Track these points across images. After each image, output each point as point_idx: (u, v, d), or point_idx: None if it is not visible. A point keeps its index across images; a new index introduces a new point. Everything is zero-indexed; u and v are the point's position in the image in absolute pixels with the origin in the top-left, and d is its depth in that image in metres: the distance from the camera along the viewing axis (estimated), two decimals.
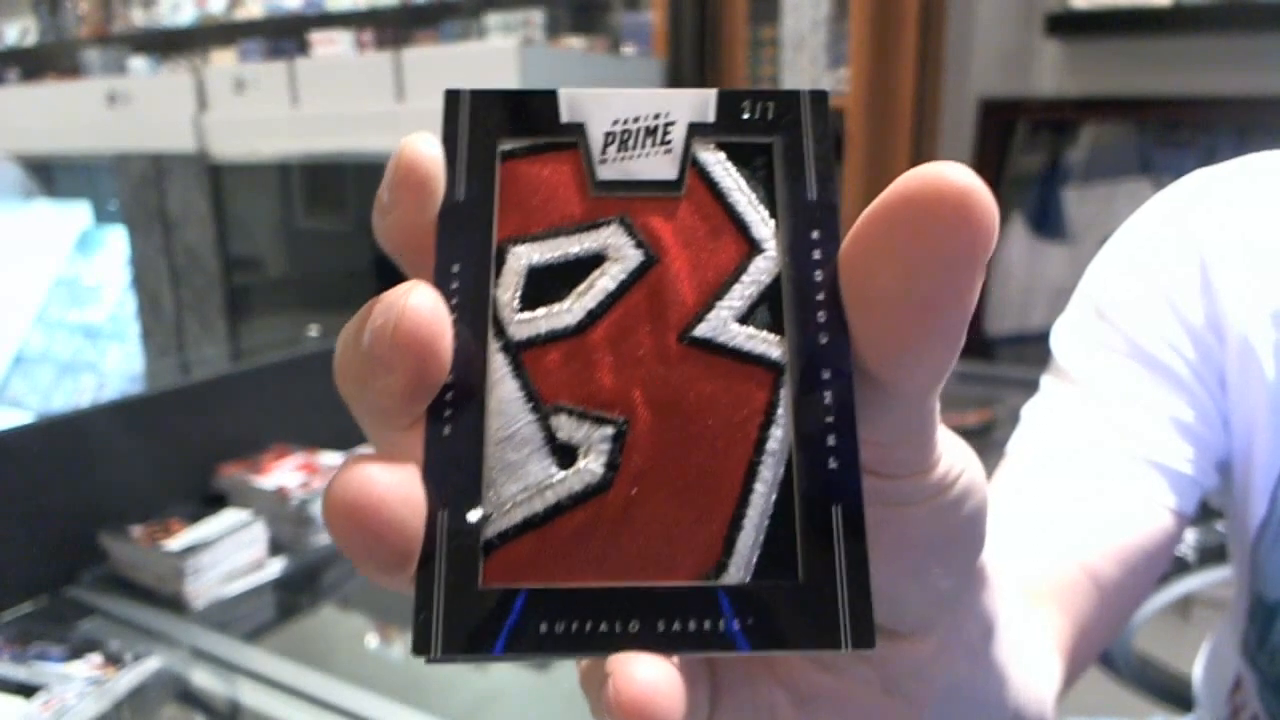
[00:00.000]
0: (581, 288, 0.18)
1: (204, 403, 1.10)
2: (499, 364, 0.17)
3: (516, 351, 0.18)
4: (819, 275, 0.18)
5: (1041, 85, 1.91)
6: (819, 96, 0.19)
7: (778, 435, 0.17)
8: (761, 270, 0.18)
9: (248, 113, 2.08)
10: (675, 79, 2.04)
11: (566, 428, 0.17)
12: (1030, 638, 0.36)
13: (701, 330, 0.18)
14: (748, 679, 0.22)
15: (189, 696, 0.79)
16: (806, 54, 1.97)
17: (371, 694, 0.76)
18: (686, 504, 0.17)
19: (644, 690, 0.15)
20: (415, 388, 0.16)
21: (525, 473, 0.17)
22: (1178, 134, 1.82)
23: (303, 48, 2.86)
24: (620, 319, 0.18)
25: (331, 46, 2.79)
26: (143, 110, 2.28)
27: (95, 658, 0.78)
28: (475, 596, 0.16)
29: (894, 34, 1.88)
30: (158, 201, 2.23)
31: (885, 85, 1.90)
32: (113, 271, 2.10)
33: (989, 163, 1.98)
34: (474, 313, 0.17)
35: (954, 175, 0.16)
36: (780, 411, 0.17)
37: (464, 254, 0.18)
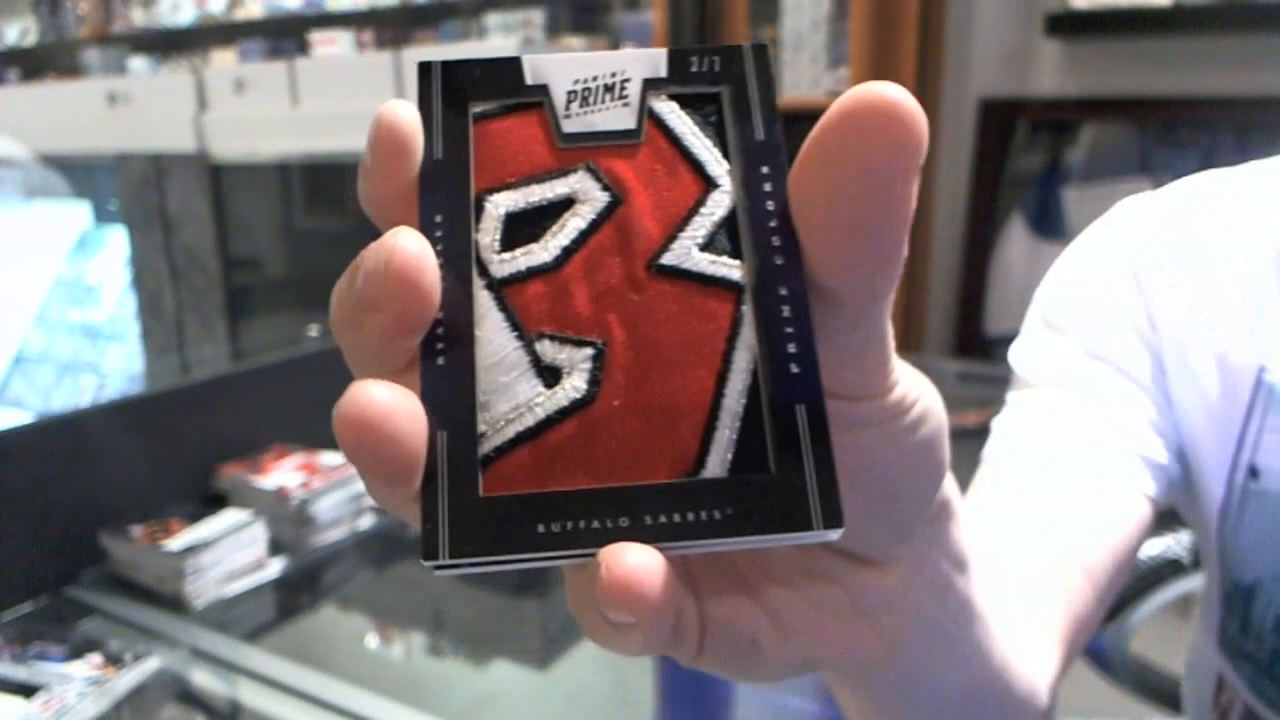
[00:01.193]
0: (555, 228, 0.20)
1: (204, 403, 1.10)
2: (484, 300, 0.19)
3: (499, 288, 0.19)
4: (770, 204, 0.19)
5: (1041, 85, 1.91)
6: (760, 49, 0.21)
7: (743, 346, 0.19)
8: (718, 203, 0.20)
9: (248, 113, 2.08)
10: None
11: (550, 351, 0.19)
12: (1030, 633, 0.36)
13: (667, 259, 0.19)
14: (730, 610, 0.22)
15: (189, 696, 0.79)
16: (806, 54, 1.97)
17: (371, 694, 0.76)
18: (665, 412, 0.18)
19: (633, 570, 0.16)
20: (406, 323, 0.17)
21: (515, 393, 0.18)
22: (1178, 134, 1.82)
23: (303, 48, 2.86)
24: (592, 253, 0.19)
25: (331, 46, 2.79)
26: (143, 110, 2.28)
27: (95, 658, 0.78)
28: (476, 505, 0.17)
29: (894, 34, 1.88)
30: (158, 201, 2.23)
31: None
32: (113, 271, 2.09)
33: (989, 163, 1.98)
34: (458, 256, 0.19)
35: (880, 90, 0.17)
36: (744, 326, 0.19)
37: (445, 205, 0.19)
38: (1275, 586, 0.43)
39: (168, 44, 3.34)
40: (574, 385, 0.18)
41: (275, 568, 0.97)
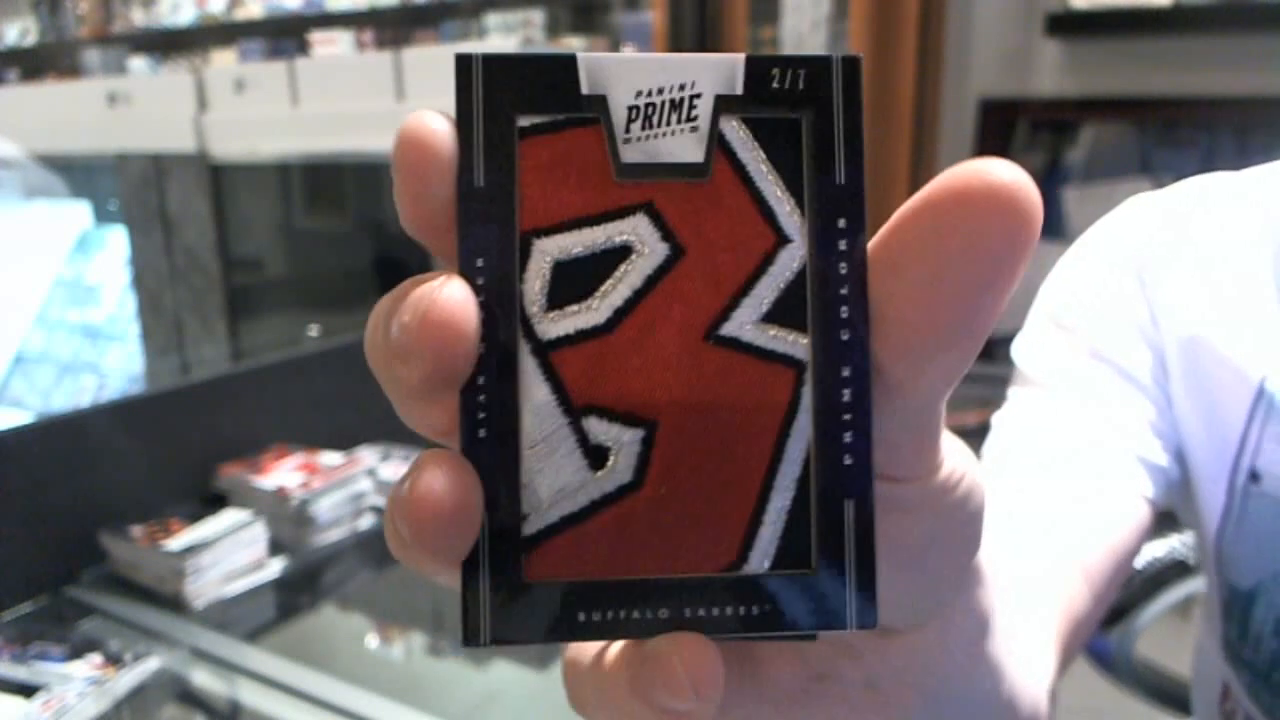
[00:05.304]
0: (608, 285, 0.18)
1: (204, 403, 1.10)
2: (529, 367, 0.18)
3: (545, 352, 0.18)
4: (844, 267, 0.18)
5: (1041, 85, 1.91)
6: (851, 64, 0.18)
7: (798, 433, 0.18)
8: (787, 264, 0.18)
9: (248, 113, 2.08)
10: None
11: (597, 430, 0.18)
12: (1029, 636, 0.36)
13: (727, 329, 0.18)
14: (743, 675, 0.22)
15: (189, 696, 0.79)
16: None
17: (371, 694, 0.76)
18: (712, 501, 0.18)
19: (702, 663, 0.17)
20: (440, 379, 0.17)
21: (560, 474, 0.18)
22: (1178, 134, 1.82)
23: (303, 48, 2.86)
24: (647, 317, 0.18)
25: (331, 46, 2.79)
26: (143, 110, 2.28)
27: (95, 658, 0.78)
28: (519, 589, 0.17)
29: (894, 34, 1.88)
30: (158, 201, 2.22)
31: (885, 85, 1.90)
32: (113, 271, 2.09)
33: None
34: (502, 312, 0.17)
35: (999, 170, 0.16)
36: (801, 411, 0.18)
37: (488, 247, 0.17)
38: (1277, 589, 0.43)
39: (168, 44, 3.34)
40: (621, 469, 0.18)
41: (275, 568, 0.97)
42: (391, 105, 1.85)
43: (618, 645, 0.19)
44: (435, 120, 0.17)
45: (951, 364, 0.17)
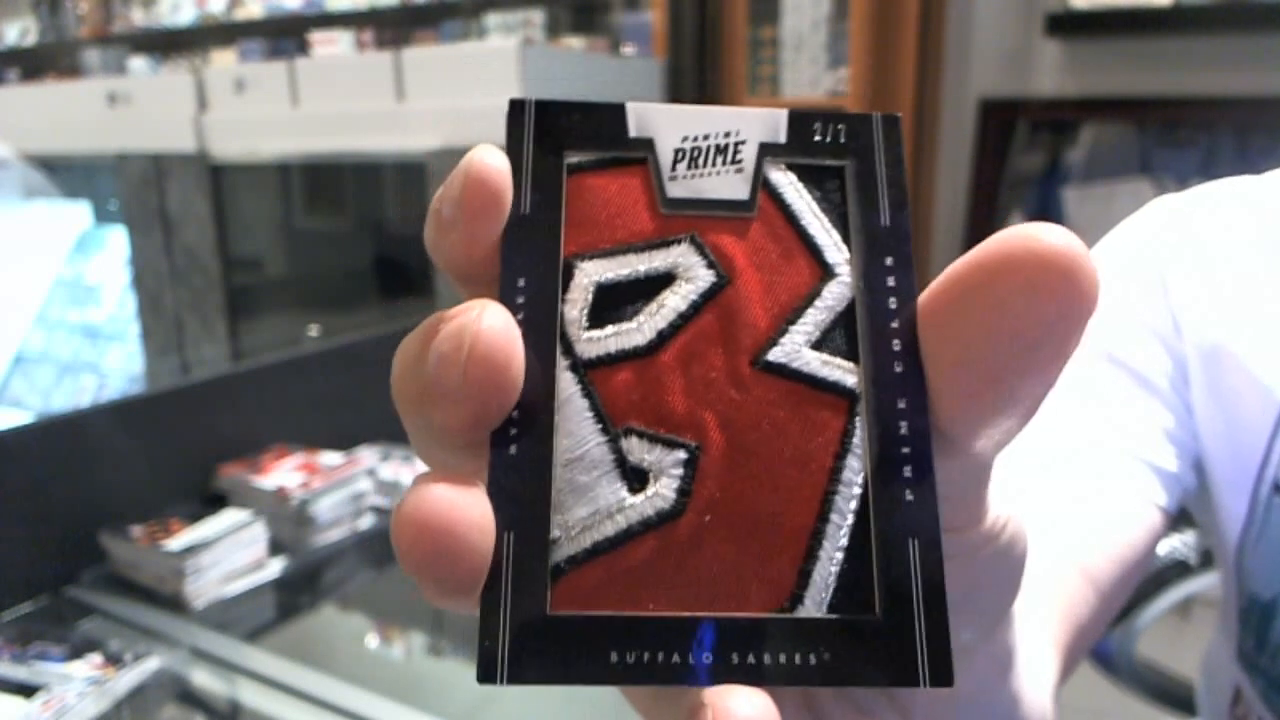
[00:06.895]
0: (651, 307, 0.17)
1: (204, 403, 1.10)
2: (567, 383, 0.17)
3: (584, 371, 0.17)
4: (893, 303, 0.17)
5: (1041, 85, 1.91)
6: (891, 121, 0.18)
7: (853, 466, 0.17)
8: (834, 296, 0.18)
9: (248, 113, 2.08)
10: (675, 79, 2.04)
11: (637, 450, 0.17)
12: (1031, 642, 0.36)
13: (775, 355, 0.17)
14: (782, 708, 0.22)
15: (189, 696, 0.79)
16: (806, 54, 1.97)
17: (371, 694, 0.76)
18: (760, 533, 0.17)
19: None
20: (484, 419, 0.16)
21: (595, 496, 0.17)
22: (1178, 134, 1.82)
23: (303, 48, 2.85)
24: (691, 341, 0.17)
25: (331, 46, 2.79)
26: (143, 110, 2.28)
27: (95, 658, 0.78)
28: (542, 623, 0.16)
29: (894, 34, 1.88)
30: (158, 201, 2.23)
31: (885, 85, 1.90)
32: (113, 271, 2.09)
33: (989, 163, 1.98)
34: (541, 330, 0.17)
35: (1052, 237, 0.15)
36: (856, 441, 0.17)
37: (530, 269, 0.17)
38: None
39: (168, 44, 3.34)
40: (661, 493, 0.17)
41: (275, 568, 0.97)
42: (391, 105, 1.85)
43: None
44: (499, 158, 0.17)
45: (1003, 429, 0.17)
